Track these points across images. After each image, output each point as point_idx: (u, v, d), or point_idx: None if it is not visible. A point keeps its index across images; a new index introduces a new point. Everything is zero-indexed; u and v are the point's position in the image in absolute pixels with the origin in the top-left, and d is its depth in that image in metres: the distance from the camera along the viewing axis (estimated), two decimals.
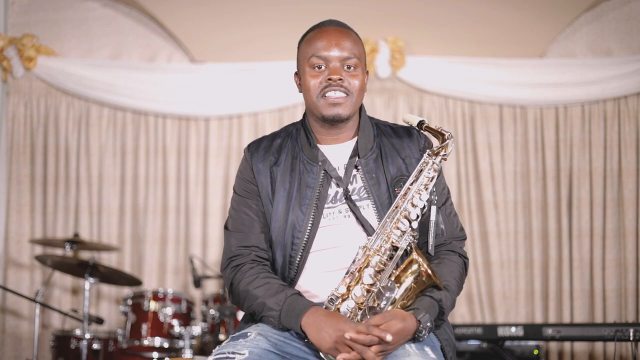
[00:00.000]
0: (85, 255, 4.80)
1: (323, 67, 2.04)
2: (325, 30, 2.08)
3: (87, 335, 4.10)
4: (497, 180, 5.02)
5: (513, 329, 3.81)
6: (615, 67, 4.91)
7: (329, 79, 2.02)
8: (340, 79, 2.02)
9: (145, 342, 4.13)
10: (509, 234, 4.99)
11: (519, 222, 5.00)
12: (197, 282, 4.40)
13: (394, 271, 1.94)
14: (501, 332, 3.84)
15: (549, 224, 4.95)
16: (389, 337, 1.79)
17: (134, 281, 4.37)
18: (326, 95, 2.03)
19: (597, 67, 4.95)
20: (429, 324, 1.88)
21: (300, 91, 2.13)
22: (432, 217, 1.99)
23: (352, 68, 2.05)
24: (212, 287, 4.76)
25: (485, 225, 4.98)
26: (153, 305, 4.20)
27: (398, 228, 1.96)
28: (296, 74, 2.16)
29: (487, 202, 4.99)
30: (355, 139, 2.11)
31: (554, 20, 4.94)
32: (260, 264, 2.06)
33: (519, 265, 4.97)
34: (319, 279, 2.02)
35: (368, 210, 2.03)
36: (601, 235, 4.90)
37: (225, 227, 2.15)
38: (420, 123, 2.05)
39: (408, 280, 1.92)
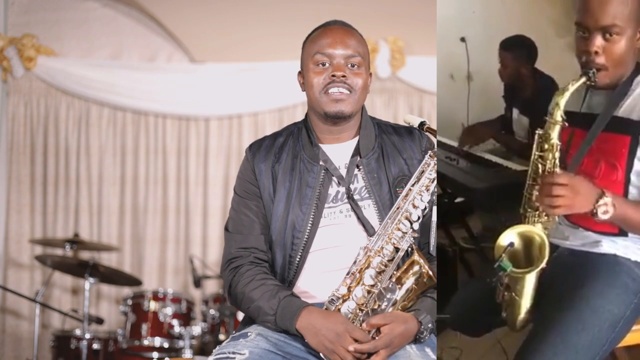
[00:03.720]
0: (85, 255, 4.80)
1: (327, 64, 2.02)
2: (330, 29, 2.07)
3: (87, 335, 4.10)
4: None
5: None
6: None
7: (333, 76, 2.00)
8: (343, 76, 2.00)
9: (145, 342, 4.13)
10: None
11: None
12: (197, 282, 4.40)
13: (395, 272, 1.94)
14: None
15: None
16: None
17: (134, 281, 4.37)
18: (329, 91, 2.01)
19: None
20: (430, 325, 1.88)
21: (304, 90, 2.11)
22: (434, 218, 1.99)
23: (355, 66, 2.03)
24: (212, 287, 4.76)
25: None
26: (153, 305, 4.20)
27: (399, 229, 1.95)
28: (300, 73, 2.13)
29: None
30: (357, 138, 2.09)
31: None
32: (258, 266, 2.04)
33: None
34: (318, 279, 2.01)
35: (369, 210, 2.01)
36: None
37: (226, 229, 2.14)
38: (422, 124, 2.04)
39: (409, 282, 1.92)
